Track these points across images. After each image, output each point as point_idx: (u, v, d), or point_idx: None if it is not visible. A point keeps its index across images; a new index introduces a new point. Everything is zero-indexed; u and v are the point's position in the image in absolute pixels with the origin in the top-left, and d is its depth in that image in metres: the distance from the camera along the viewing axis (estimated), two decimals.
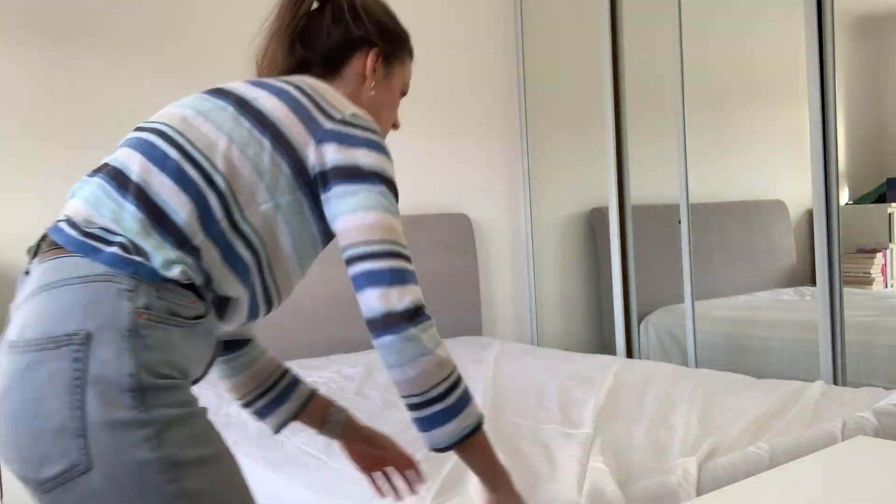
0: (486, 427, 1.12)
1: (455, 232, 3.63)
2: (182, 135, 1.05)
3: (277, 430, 1.33)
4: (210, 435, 0.97)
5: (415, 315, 1.05)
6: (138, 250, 0.98)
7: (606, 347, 3.92)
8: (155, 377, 0.92)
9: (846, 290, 2.70)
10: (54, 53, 2.84)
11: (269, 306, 1.14)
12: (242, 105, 1.09)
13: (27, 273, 1.07)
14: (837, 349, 2.68)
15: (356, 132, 1.10)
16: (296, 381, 1.34)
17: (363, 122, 1.13)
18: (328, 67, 1.26)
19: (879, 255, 4.02)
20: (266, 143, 1.06)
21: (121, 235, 0.99)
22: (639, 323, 3.67)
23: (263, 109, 1.08)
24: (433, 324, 1.07)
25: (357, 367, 2.89)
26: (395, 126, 1.43)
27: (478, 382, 2.51)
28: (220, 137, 1.05)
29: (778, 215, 4.37)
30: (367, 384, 2.62)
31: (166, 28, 3.06)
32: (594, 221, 4.06)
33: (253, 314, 1.12)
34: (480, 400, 2.30)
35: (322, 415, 1.33)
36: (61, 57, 2.86)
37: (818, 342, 2.71)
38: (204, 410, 0.98)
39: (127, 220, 1.00)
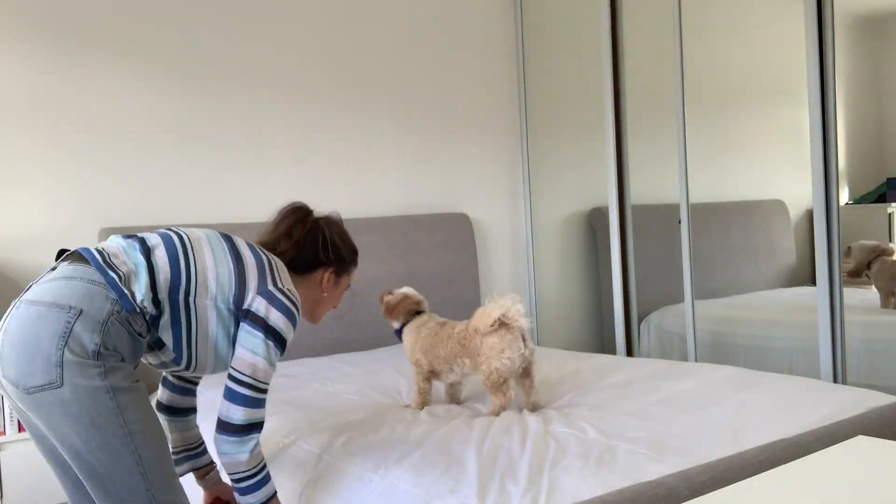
0: None
1: (455, 232, 3.63)
2: (190, 242, 1.66)
3: (182, 473, 1.88)
4: (129, 377, 1.54)
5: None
6: (129, 285, 1.55)
7: (606, 347, 3.92)
8: (106, 350, 1.50)
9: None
10: (55, 56, 2.84)
11: (186, 365, 1.66)
12: (234, 250, 1.70)
13: (54, 268, 1.60)
14: (837, 349, 2.68)
15: (282, 299, 1.66)
16: (204, 451, 1.93)
17: (291, 295, 1.69)
18: (298, 269, 1.86)
19: None
20: (233, 271, 1.66)
21: (124, 272, 1.56)
22: (639, 323, 3.66)
23: (243, 255, 1.70)
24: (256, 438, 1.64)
25: (357, 366, 2.89)
26: (335, 307, 1.96)
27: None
28: (209, 255, 1.66)
29: (778, 215, 4.37)
30: (367, 383, 2.62)
31: (167, 30, 3.06)
32: (594, 221, 4.06)
33: (174, 361, 1.65)
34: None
35: (205, 473, 1.93)
36: (62, 59, 2.86)
37: (818, 342, 2.71)
38: (131, 370, 1.56)
39: (135, 266, 1.59)
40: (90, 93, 2.91)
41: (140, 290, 1.56)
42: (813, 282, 2.84)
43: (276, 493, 1.66)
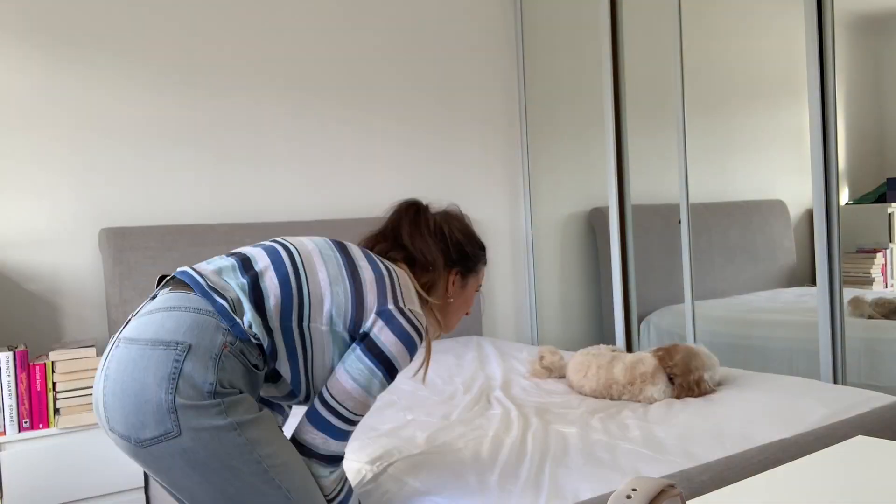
0: None
1: None
2: (301, 258, 1.48)
3: None
4: (252, 407, 1.36)
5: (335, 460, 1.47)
6: (237, 311, 1.38)
7: None
8: (223, 388, 1.32)
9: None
10: (56, 56, 2.84)
11: (305, 397, 1.50)
12: (350, 263, 1.51)
13: (154, 297, 1.45)
14: (837, 349, 2.68)
15: (402, 322, 1.47)
16: None
17: (413, 318, 1.49)
18: (423, 268, 1.65)
19: (879, 255, 4.02)
20: (349, 289, 1.47)
21: (231, 297, 1.39)
22: (639, 323, 3.66)
23: (360, 269, 1.51)
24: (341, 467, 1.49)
25: None
26: (468, 313, 1.77)
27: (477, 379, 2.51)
28: (322, 271, 1.47)
29: (778, 215, 4.37)
30: None
31: (168, 30, 3.06)
32: (594, 221, 4.06)
33: (291, 394, 1.51)
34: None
35: None
36: (63, 59, 2.86)
37: (818, 342, 2.71)
38: (254, 402, 1.38)
39: (239, 290, 1.41)
40: (91, 93, 2.91)
41: (248, 317, 1.38)
42: (813, 282, 2.84)
43: None
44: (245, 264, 1.46)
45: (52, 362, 2.43)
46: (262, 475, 1.33)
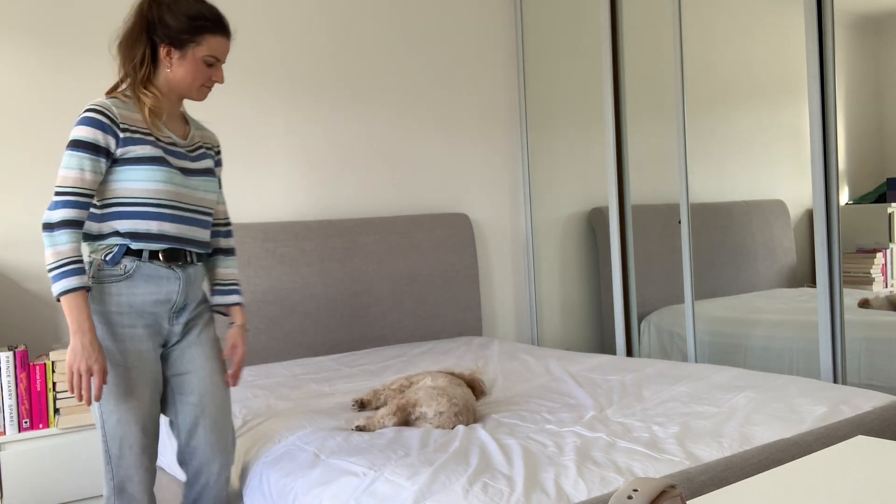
0: None
1: (455, 232, 3.63)
2: None
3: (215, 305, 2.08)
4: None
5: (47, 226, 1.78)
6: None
7: (606, 347, 3.92)
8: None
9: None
10: (53, 56, 2.84)
11: None
12: None
13: None
14: (837, 349, 2.68)
15: (81, 115, 1.82)
16: (226, 292, 2.07)
17: (87, 108, 1.83)
18: (130, 57, 1.93)
19: (879, 255, 4.02)
20: None
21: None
22: (639, 323, 3.66)
23: None
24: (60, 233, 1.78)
25: (355, 367, 2.88)
26: (218, 80, 1.96)
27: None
28: None
29: (778, 215, 4.37)
30: (366, 384, 2.62)
31: None
32: (594, 221, 4.06)
33: None
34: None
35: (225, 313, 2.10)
36: (61, 60, 2.86)
37: (818, 342, 2.71)
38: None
39: None
40: (90, 93, 2.91)
41: None
42: (813, 282, 2.85)
43: (74, 290, 1.75)
44: None
45: (52, 362, 2.43)
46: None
